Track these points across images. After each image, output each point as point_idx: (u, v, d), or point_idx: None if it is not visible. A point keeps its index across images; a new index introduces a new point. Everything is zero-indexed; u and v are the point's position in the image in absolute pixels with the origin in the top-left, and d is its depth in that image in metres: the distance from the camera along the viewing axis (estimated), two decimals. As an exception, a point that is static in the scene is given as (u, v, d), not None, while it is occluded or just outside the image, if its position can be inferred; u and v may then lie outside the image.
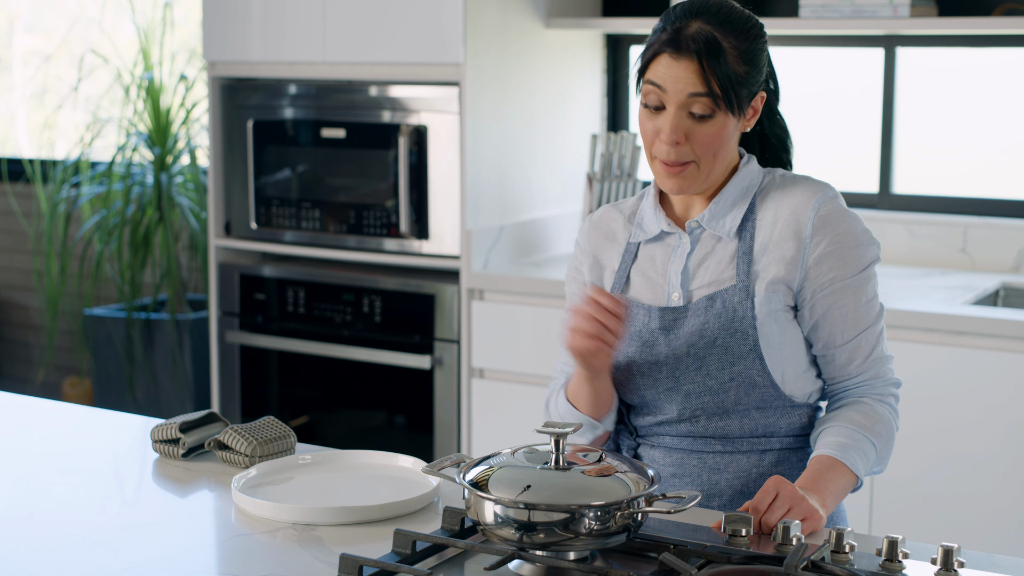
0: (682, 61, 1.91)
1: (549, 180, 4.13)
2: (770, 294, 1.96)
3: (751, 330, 1.95)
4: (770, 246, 1.97)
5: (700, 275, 2.01)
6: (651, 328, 2.01)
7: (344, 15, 3.91)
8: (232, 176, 4.24)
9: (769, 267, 1.97)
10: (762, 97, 2.00)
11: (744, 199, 2.01)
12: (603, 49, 4.30)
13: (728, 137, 1.96)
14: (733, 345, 1.95)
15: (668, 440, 2.04)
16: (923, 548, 1.75)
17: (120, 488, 2.13)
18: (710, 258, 2.01)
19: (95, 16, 5.84)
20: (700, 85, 1.91)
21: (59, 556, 1.76)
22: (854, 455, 1.93)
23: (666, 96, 1.93)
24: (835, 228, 1.97)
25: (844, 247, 1.97)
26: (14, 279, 6.02)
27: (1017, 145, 3.97)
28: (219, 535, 1.86)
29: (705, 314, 1.97)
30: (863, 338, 2.00)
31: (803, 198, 1.98)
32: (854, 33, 3.92)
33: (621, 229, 2.11)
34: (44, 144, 5.88)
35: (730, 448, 2.00)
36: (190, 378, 5.04)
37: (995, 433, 3.19)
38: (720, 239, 2.01)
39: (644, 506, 1.66)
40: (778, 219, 1.98)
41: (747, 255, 1.98)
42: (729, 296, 1.97)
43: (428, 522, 1.87)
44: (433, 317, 3.90)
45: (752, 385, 1.96)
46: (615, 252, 2.10)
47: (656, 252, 2.06)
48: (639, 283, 2.06)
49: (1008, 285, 3.66)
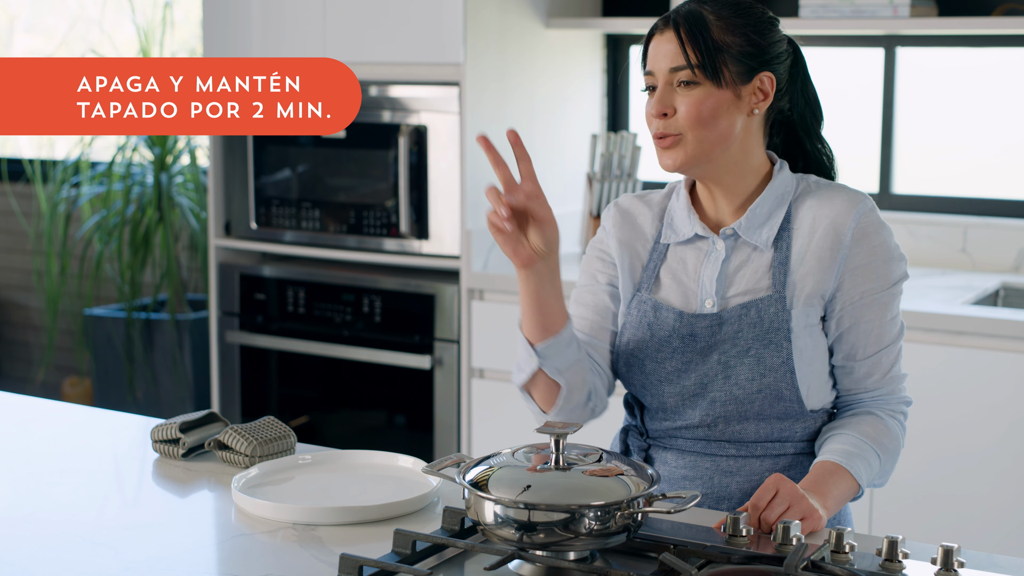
0: (665, 35, 1.95)
1: (549, 180, 4.12)
2: (807, 307, 1.94)
3: (785, 342, 1.92)
4: (807, 256, 1.95)
5: (736, 283, 1.98)
6: (682, 334, 1.97)
7: (344, 15, 3.92)
8: (232, 176, 4.24)
9: (806, 278, 1.94)
10: (771, 79, 1.97)
11: (780, 208, 1.98)
12: (603, 49, 4.30)
13: (719, 109, 1.93)
14: (766, 356, 1.93)
15: (682, 443, 2.02)
16: (923, 548, 1.75)
17: (120, 488, 2.13)
18: (746, 267, 1.98)
19: (95, 16, 5.84)
20: (679, 56, 1.93)
21: (59, 556, 1.76)
22: (858, 463, 1.92)
23: (655, 75, 1.96)
24: (872, 240, 1.95)
25: (878, 260, 1.95)
26: (14, 279, 6.02)
27: (1017, 145, 3.97)
28: (219, 535, 1.86)
29: (739, 323, 1.95)
30: (884, 354, 1.98)
31: (843, 207, 1.95)
32: (854, 33, 3.92)
33: (648, 224, 2.07)
34: (44, 144, 5.88)
35: (744, 452, 1.99)
36: (190, 378, 5.04)
37: (995, 433, 3.19)
38: (756, 248, 1.98)
39: (644, 506, 1.66)
40: (816, 228, 1.95)
41: (784, 265, 1.95)
42: (765, 306, 1.94)
43: (428, 522, 1.87)
44: (433, 317, 3.90)
45: (778, 397, 1.94)
46: (642, 246, 2.06)
47: (687, 255, 2.02)
48: (669, 285, 2.02)
49: (1008, 285, 3.66)
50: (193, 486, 2.07)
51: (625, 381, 2.06)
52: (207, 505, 2.00)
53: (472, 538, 1.77)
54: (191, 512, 1.98)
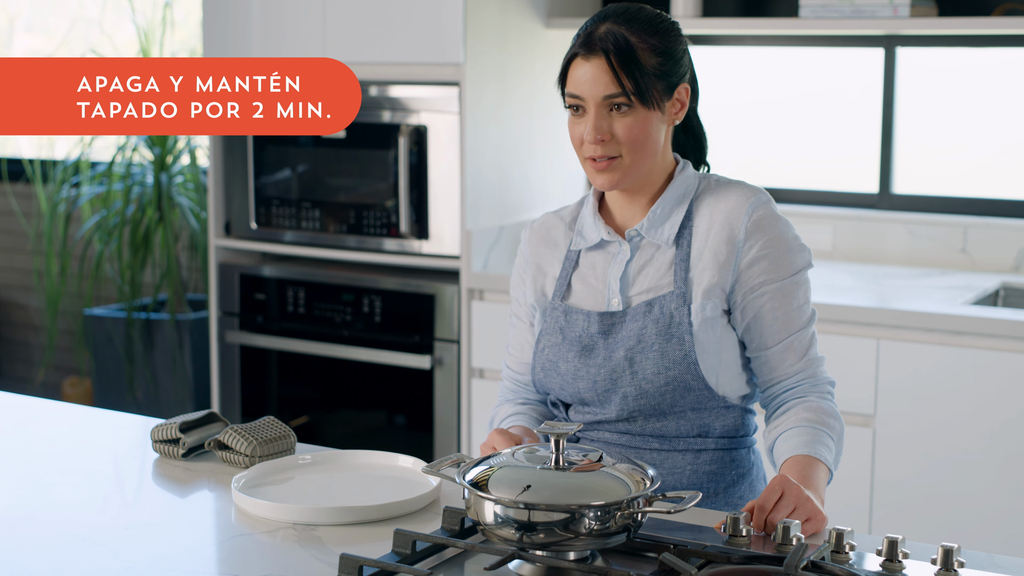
0: (593, 61, 1.98)
1: (549, 180, 4.13)
2: (705, 301, 2.01)
3: (687, 336, 1.99)
4: (705, 252, 2.02)
5: (639, 282, 2.06)
6: (591, 332, 2.06)
7: (344, 15, 3.92)
8: (232, 176, 4.24)
9: (704, 273, 2.01)
10: (686, 89, 2.05)
11: (681, 206, 2.06)
12: (603, 49, 4.29)
13: (652, 129, 2.00)
14: (669, 351, 2.00)
15: (608, 436, 2.08)
16: (923, 548, 1.75)
17: (120, 488, 2.13)
18: (649, 265, 2.06)
19: (95, 16, 5.84)
20: (613, 84, 1.97)
21: (59, 556, 1.76)
22: (823, 450, 1.97)
23: (584, 100, 1.99)
24: (767, 233, 2.01)
25: (776, 252, 2.01)
26: (14, 279, 6.02)
27: (1017, 145, 3.97)
28: (219, 535, 1.87)
29: (643, 319, 2.02)
30: (795, 339, 2.04)
31: (736, 202, 2.02)
32: (854, 33, 3.92)
33: (562, 236, 2.16)
34: (44, 144, 5.88)
35: (667, 447, 2.05)
36: (190, 377, 5.04)
37: (995, 433, 3.19)
38: (659, 247, 2.06)
39: (644, 506, 1.66)
40: (712, 224, 2.03)
41: (684, 262, 2.03)
42: (666, 303, 2.02)
43: (428, 522, 1.88)
44: (433, 317, 3.90)
45: (687, 388, 2.01)
46: (556, 259, 2.15)
47: (597, 259, 2.11)
48: (580, 290, 2.11)
49: (1008, 285, 3.66)
50: (193, 486, 2.07)
51: (542, 386, 2.14)
52: (207, 505, 2.00)
53: (472, 538, 1.78)
54: (191, 512, 1.98)
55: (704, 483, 2.06)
